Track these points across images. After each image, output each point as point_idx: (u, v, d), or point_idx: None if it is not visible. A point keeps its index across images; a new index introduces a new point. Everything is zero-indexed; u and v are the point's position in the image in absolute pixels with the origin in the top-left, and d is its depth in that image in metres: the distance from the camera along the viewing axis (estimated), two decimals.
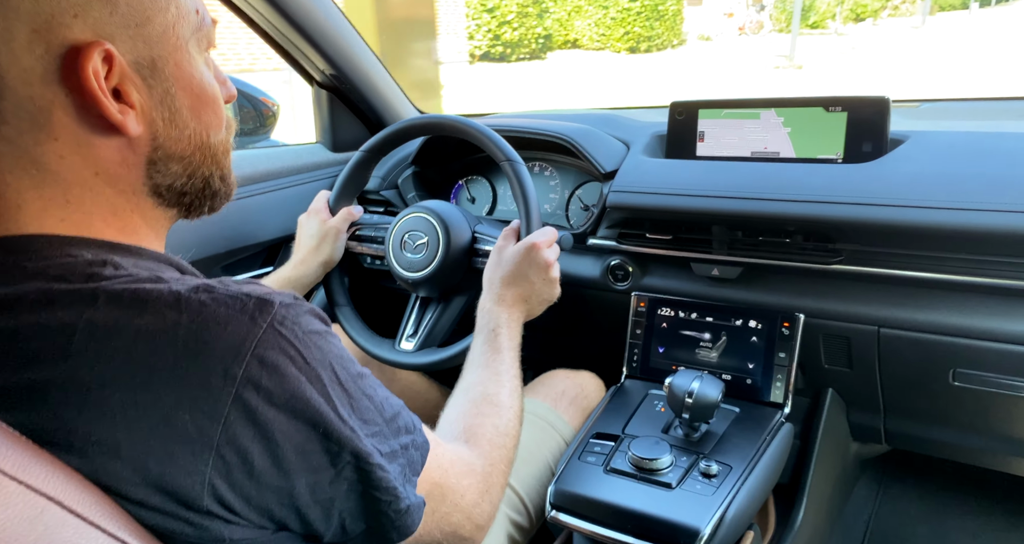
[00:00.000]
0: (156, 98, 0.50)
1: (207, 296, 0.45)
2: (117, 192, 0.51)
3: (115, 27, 0.47)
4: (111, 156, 0.49)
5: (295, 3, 1.20)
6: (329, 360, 0.49)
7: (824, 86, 10.71)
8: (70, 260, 0.46)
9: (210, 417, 0.43)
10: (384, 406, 0.55)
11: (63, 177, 0.48)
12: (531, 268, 0.96)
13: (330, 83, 1.43)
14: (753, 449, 0.95)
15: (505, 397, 0.80)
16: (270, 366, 0.45)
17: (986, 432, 1.06)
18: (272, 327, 0.46)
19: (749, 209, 1.04)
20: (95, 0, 0.46)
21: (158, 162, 0.52)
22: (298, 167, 1.41)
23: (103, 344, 0.43)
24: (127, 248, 0.50)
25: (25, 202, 0.47)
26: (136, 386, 0.42)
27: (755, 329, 1.09)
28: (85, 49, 0.45)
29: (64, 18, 0.44)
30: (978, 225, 0.88)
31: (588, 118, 1.40)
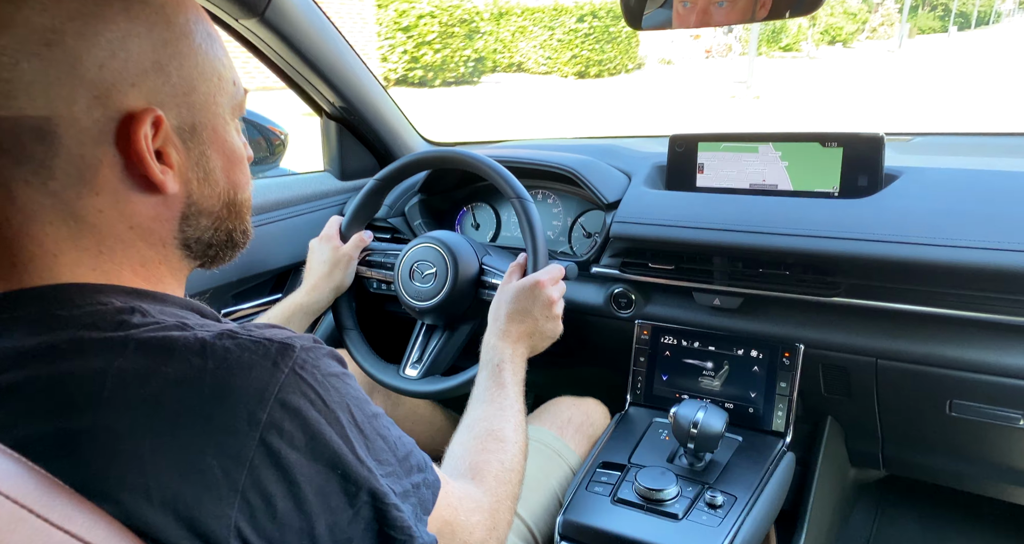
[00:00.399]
0: (193, 159, 0.54)
1: (231, 342, 0.47)
2: (148, 245, 0.53)
3: (165, 95, 0.50)
4: (146, 211, 0.52)
5: (306, 37, 1.23)
6: (347, 402, 0.52)
7: (778, 119, 10.01)
8: (100, 308, 0.48)
9: (236, 461, 0.44)
10: (397, 445, 0.57)
11: (99, 230, 0.50)
12: (535, 305, 0.99)
13: (339, 114, 1.46)
14: (757, 479, 0.97)
15: (509, 432, 0.82)
16: (292, 410, 0.47)
17: (981, 460, 1.09)
18: (294, 371, 0.48)
19: (748, 242, 1.07)
20: (151, 71, 0.49)
21: (190, 217, 0.55)
22: (307, 196, 1.43)
23: (133, 391, 0.44)
24: (153, 295, 0.52)
25: (61, 252, 0.49)
26: (165, 432, 0.44)
27: (756, 359, 1.11)
28: (139, 115, 0.48)
29: (123, 86, 0.48)
30: (970, 262, 0.91)
31: (589, 149, 1.43)
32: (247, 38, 1.19)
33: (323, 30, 1.25)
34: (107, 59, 0.47)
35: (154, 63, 0.49)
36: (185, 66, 0.51)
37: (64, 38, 0.45)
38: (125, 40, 0.48)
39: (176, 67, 0.51)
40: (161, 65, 0.50)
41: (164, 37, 0.50)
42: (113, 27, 0.47)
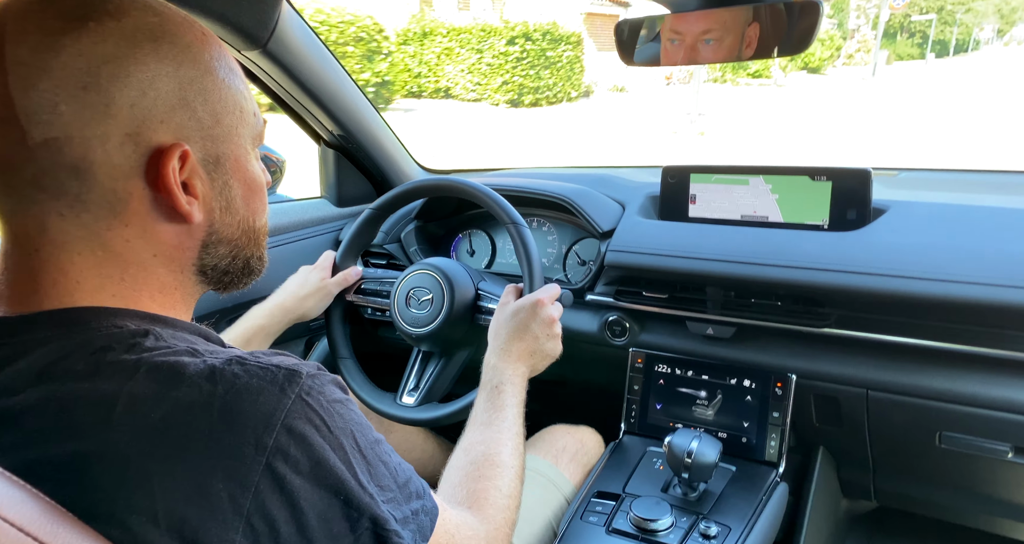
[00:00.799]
0: (216, 189, 0.56)
1: (240, 368, 0.49)
2: (168, 271, 0.55)
3: (191, 130, 0.53)
4: (170, 240, 0.54)
5: (307, 68, 1.25)
6: (351, 428, 0.53)
7: (716, 157, 8.97)
8: (116, 331, 0.49)
9: (242, 486, 0.45)
10: (397, 471, 0.58)
11: (125, 258, 0.52)
12: (535, 323, 0.99)
13: (337, 142, 1.48)
14: (750, 509, 0.97)
15: (507, 457, 0.82)
16: (298, 435, 0.48)
17: (972, 493, 1.10)
18: (300, 397, 0.49)
19: (740, 273, 1.09)
20: (179, 108, 0.52)
21: (210, 245, 0.57)
22: (303, 222, 1.45)
23: (143, 415, 0.45)
24: (165, 320, 0.54)
25: (85, 279, 0.51)
26: (173, 456, 0.45)
27: (749, 388, 1.12)
28: (168, 150, 0.51)
29: (153, 123, 0.50)
30: (957, 296, 0.93)
31: (584, 178, 1.45)
32: (249, 69, 1.21)
33: (323, 61, 1.27)
34: (138, 98, 0.49)
35: (181, 99, 0.52)
36: (210, 101, 0.53)
37: (99, 81, 0.48)
38: (154, 80, 0.50)
39: (201, 102, 0.53)
40: (187, 101, 0.52)
41: (190, 75, 0.52)
42: (143, 68, 0.49)
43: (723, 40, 0.95)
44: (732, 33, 0.94)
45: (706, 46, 0.96)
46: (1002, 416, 0.95)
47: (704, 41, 0.96)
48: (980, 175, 1.42)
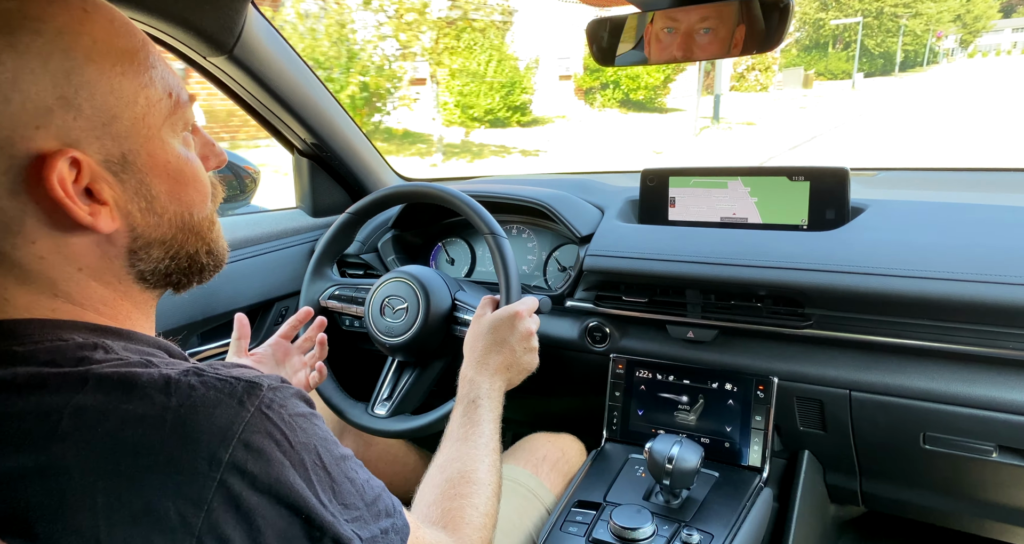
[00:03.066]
0: (130, 191, 0.50)
1: (196, 380, 0.46)
2: (103, 284, 0.51)
3: (81, 131, 0.46)
4: (90, 252, 0.50)
5: (275, 74, 1.23)
6: (314, 443, 0.50)
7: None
8: (61, 344, 0.46)
9: (194, 504, 0.42)
10: (365, 489, 0.55)
11: (47, 275, 0.48)
12: (512, 336, 0.97)
13: (311, 151, 1.46)
14: (734, 516, 0.95)
15: (483, 474, 0.79)
16: (256, 450, 0.45)
17: (958, 495, 1.08)
18: (260, 410, 0.46)
19: (720, 274, 1.08)
20: (57, 109, 0.45)
21: (139, 250, 0.52)
22: (278, 233, 1.42)
23: (90, 429, 0.42)
24: (118, 332, 0.51)
25: (13, 296, 0.47)
26: (120, 472, 0.42)
27: (731, 392, 1.11)
28: (49, 159, 0.45)
29: (26, 131, 0.44)
30: (936, 293, 0.92)
31: (563, 184, 1.44)
32: (216, 76, 1.19)
33: (293, 66, 1.25)
34: (1, 105, 0.43)
35: (58, 98, 0.45)
36: (98, 94, 0.47)
37: None
38: (16, 80, 0.44)
39: (86, 98, 0.46)
40: (67, 100, 0.45)
41: (65, 68, 0.45)
42: (1, 68, 0.43)
43: (718, 31, 0.92)
44: (726, 26, 0.92)
45: (703, 36, 0.94)
46: (985, 415, 0.94)
47: (701, 30, 0.94)
48: (958, 173, 1.42)
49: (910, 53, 50.20)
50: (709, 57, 0.96)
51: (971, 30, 65.71)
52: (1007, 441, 0.95)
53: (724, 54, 0.93)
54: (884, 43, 44.08)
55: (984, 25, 65.56)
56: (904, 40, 47.05)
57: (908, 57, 50.41)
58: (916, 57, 52.66)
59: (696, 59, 0.97)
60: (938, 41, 60.89)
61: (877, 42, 43.21)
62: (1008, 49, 70.99)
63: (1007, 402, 0.92)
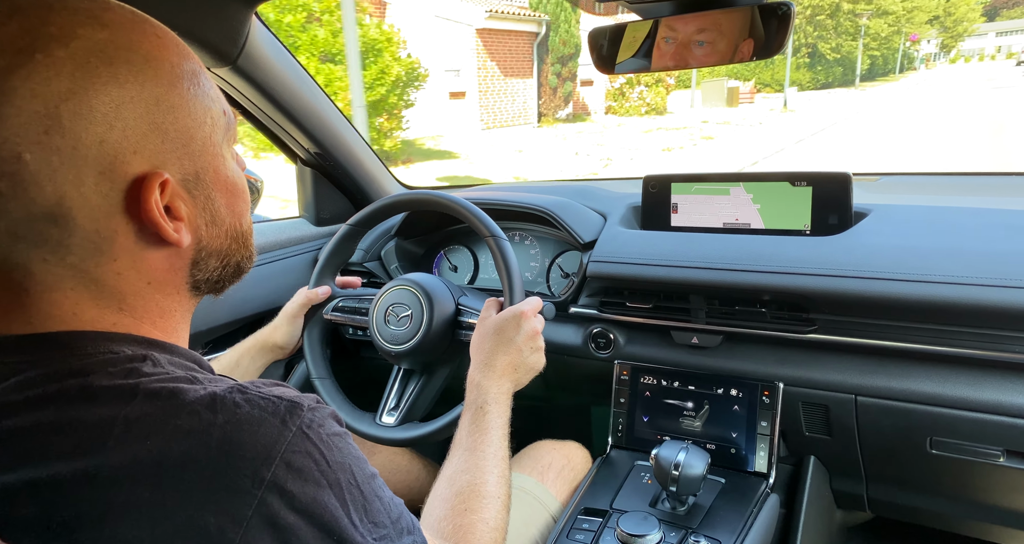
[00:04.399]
0: (199, 206, 0.53)
1: (241, 397, 0.47)
2: (165, 295, 0.53)
3: (167, 153, 0.49)
4: (161, 265, 0.52)
5: (278, 85, 1.24)
6: (348, 462, 0.50)
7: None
8: (112, 356, 0.47)
9: (233, 520, 0.43)
10: (391, 507, 0.55)
11: (119, 290, 0.50)
12: (519, 336, 0.96)
13: (314, 161, 1.47)
14: (741, 522, 0.95)
15: (492, 487, 0.78)
16: (296, 469, 0.46)
17: (965, 500, 1.08)
18: (301, 430, 0.47)
19: (723, 279, 1.08)
20: (150, 134, 0.48)
21: (200, 261, 0.55)
22: (281, 242, 1.42)
23: (138, 441, 0.43)
24: (163, 345, 0.52)
25: (81, 311, 0.49)
26: (167, 484, 0.43)
27: (736, 398, 1.10)
28: (146, 181, 0.48)
29: (125, 156, 0.47)
30: (939, 296, 0.92)
31: (565, 190, 1.44)
32: (219, 87, 1.19)
33: (296, 77, 1.26)
34: (106, 133, 0.46)
35: (151, 124, 0.48)
36: (180, 117, 0.50)
37: (61, 122, 0.44)
38: (120, 109, 0.47)
39: (172, 121, 0.50)
40: (157, 124, 0.49)
41: (155, 94, 0.49)
42: (105, 99, 0.46)
43: (716, 44, 0.93)
44: (726, 38, 0.92)
45: (698, 48, 0.94)
46: (992, 419, 0.93)
47: (697, 42, 0.94)
48: (961, 178, 1.43)
49: (878, 60, 42.78)
50: (707, 65, 0.97)
51: (952, 34, 59.99)
52: (1014, 445, 0.95)
53: (725, 62, 0.94)
54: (842, 47, 35.43)
55: (966, 29, 59.78)
56: (870, 44, 39.27)
57: (876, 64, 42.99)
58: (887, 64, 45.79)
59: (695, 66, 0.97)
60: (913, 45, 53.49)
61: (833, 46, 34.64)
62: (992, 54, 66.89)
63: (1013, 406, 0.92)
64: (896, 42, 45.28)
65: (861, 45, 35.20)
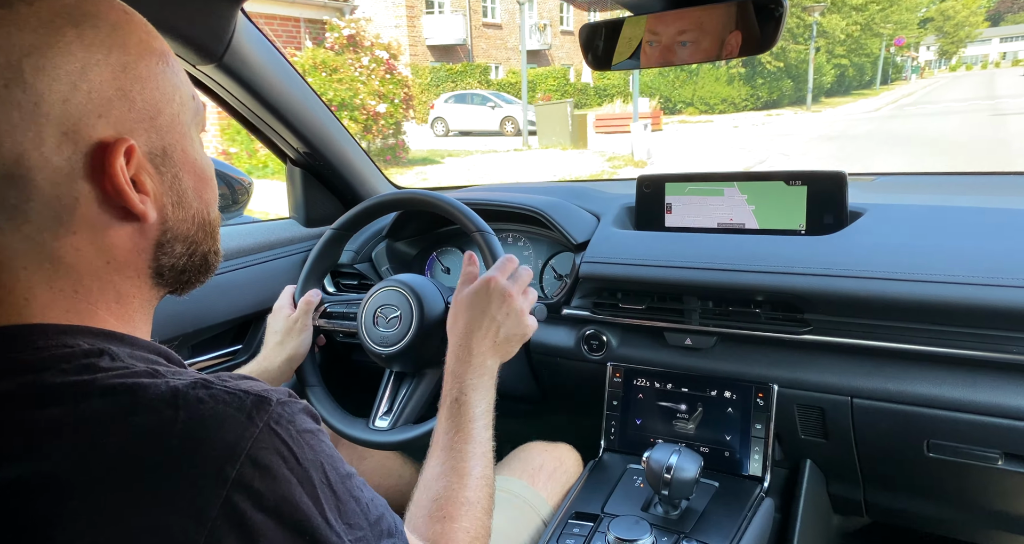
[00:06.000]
0: (166, 184, 0.52)
1: (205, 392, 0.45)
2: (124, 278, 0.51)
3: (133, 122, 0.49)
4: (123, 243, 0.50)
5: (266, 83, 1.22)
6: (320, 460, 0.48)
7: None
8: (67, 351, 0.45)
9: (197, 521, 0.41)
10: (369, 508, 0.53)
11: (76, 269, 0.48)
12: (491, 303, 0.87)
13: (303, 161, 1.45)
14: (734, 527, 0.93)
15: (471, 491, 0.74)
16: (263, 467, 0.44)
17: (963, 504, 1.06)
18: (268, 426, 0.45)
19: (718, 280, 1.06)
20: (116, 100, 0.48)
21: (165, 244, 0.53)
22: (271, 243, 1.41)
23: (94, 442, 0.41)
24: (122, 337, 0.50)
25: (34, 296, 0.47)
26: (126, 486, 0.41)
27: (730, 400, 1.09)
28: (112, 146, 0.47)
29: (90, 119, 0.46)
30: (936, 297, 0.90)
31: (557, 191, 1.43)
32: (206, 84, 1.18)
33: (284, 75, 1.25)
34: (70, 93, 0.45)
35: (117, 90, 0.48)
36: (147, 89, 0.50)
37: (23, 76, 0.43)
38: (85, 70, 0.46)
39: (139, 91, 0.49)
40: (124, 91, 0.48)
41: (123, 61, 0.48)
42: (71, 58, 0.45)
43: (699, 42, 0.92)
44: (710, 35, 0.91)
45: (682, 48, 0.94)
46: (989, 421, 0.92)
47: (680, 43, 0.93)
48: (957, 177, 1.41)
49: (848, 69, 33.45)
50: (696, 62, 0.96)
51: (952, 39, 54.91)
52: (1012, 448, 0.93)
53: (714, 59, 0.93)
54: (788, 54, 26.35)
55: (968, 33, 54.96)
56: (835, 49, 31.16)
57: (848, 75, 33.59)
58: (863, 76, 37.07)
59: (681, 63, 0.97)
60: (900, 51, 45.19)
61: (776, 53, 25.26)
62: (996, 60, 63.23)
63: (1011, 408, 0.90)
64: (874, 47, 36.05)
65: (812, 51, 25.43)
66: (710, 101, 24.20)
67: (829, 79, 30.92)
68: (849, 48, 33.46)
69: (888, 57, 41.65)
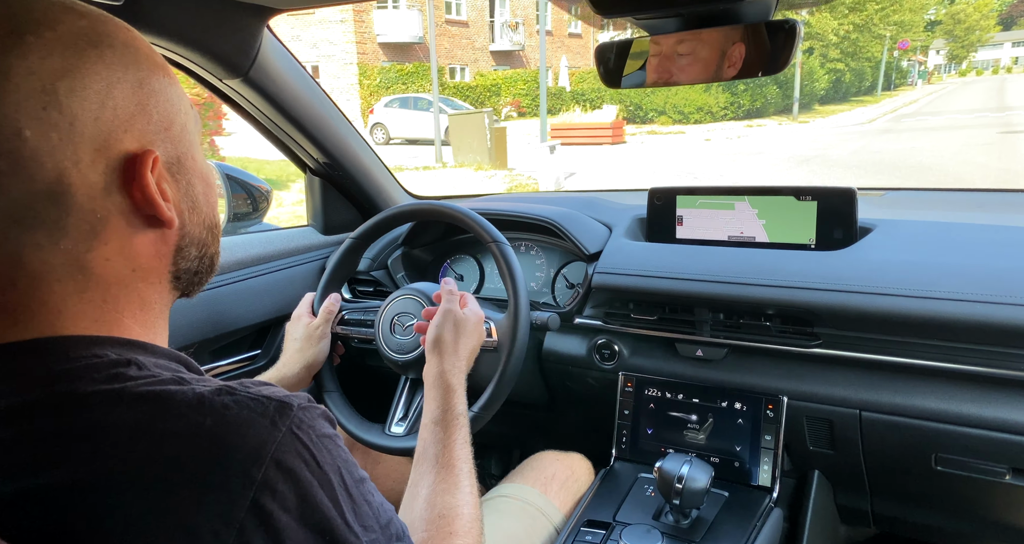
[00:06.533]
0: (182, 191, 0.55)
1: (229, 399, 0.46)
2: (147, 284, 0.53)
3: (152, 134, 0.51)
4: (147, 251, 0.52)
5: (289, 96, 1.25)
6: (338, 464, 0.50)
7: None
8: (96, 361, 0.47)
9: (225, 522, 0.43)
10: (380, 512, 0.55)
11: (105, 279, 0.50)
12: (445, 332, 1.00)
13: (323, 170, 1.48)
14: (744, 536, 0.95)
15: (471, 508, 0.77)
16: (286, 470, 0.46)
17: (971, 517, 1.07)
18: (291, 431, 0.47)
19: (728, 292, 1.08)
20: (137, 114, 0.50)
21: (183, 249, 0.56)
22: (289, 250, 1.43)
23: (125, 447, 0.43)
24: (145, 346, 0.52)
25: (67, 307, 0.48)
26: (155, 489, 0.42)
27: (741, 411, 1.10)
28: (140, 158, 0.49)
29: (117, 134, 0.49)
30: (945, 313, 0.92)
31: (570, 201, 1.45)
32: (231, 97, 1.21)
33: (306, 88, 1.28)
34: (99, 110, 0.48)
35: (137, 105, 0.50)
36: (160, 102, 0.52)
37: (58, 98, 0.46)
38: (109, 88, 0.48)
39: (154, 104, 0.52)
40: (143, 105, 0.51)
41: (138, 77, 0.51)
42: (97, 78, 0.48)
43: (697, 54, 0.92)
44: (708, 48, 0.91)
45: (680, 61, 0.94)
46: (997, 437, 0.93)
47: (677, 54, 0.94)
48: (967, 194, 1.43)
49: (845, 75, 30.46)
50: (694, 80, 0.94)
51: (963, 43, 52.81)
52: (1020, 463, 0.94)
53: (711, 77, 0.91)
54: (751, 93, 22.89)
55: (979, 37, 52.76)
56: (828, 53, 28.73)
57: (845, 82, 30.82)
58: (862, 82, 34.20)
59: (681, 82, 0.95)
60: (905, 55, 41.98)
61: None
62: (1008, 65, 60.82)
63: (1019, 423, 0.92)
64: (875, 51, 33.55)
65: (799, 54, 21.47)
66: (684, 109, 21.34)
67: (823, 85, 28.22)
68: (845, 51, 30.95)
69: (891, 61, 38.65)
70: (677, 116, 21.32)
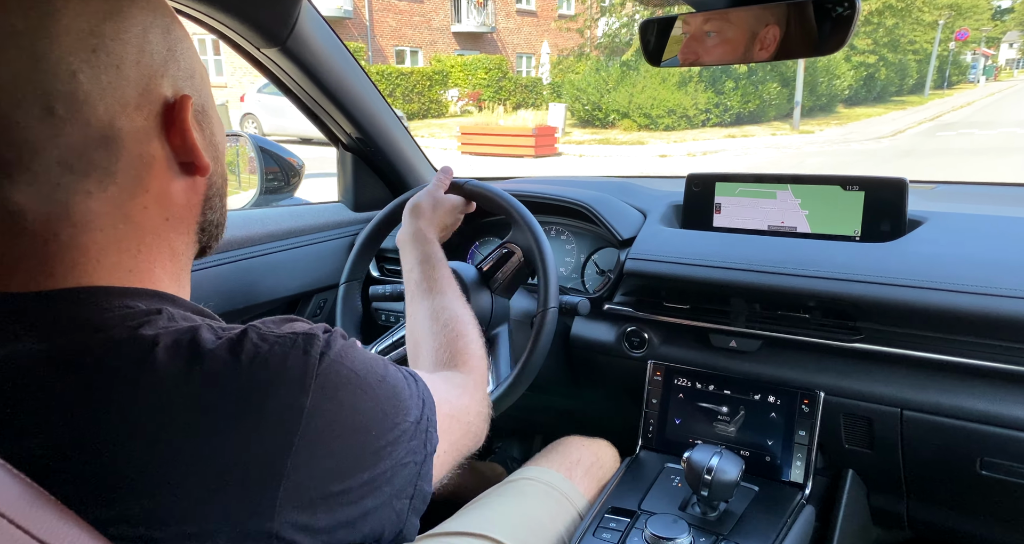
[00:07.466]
0: (207, 140, 0.54)
1: (258, 338, 0.47)
2: (177, 234, 0.53)
3: (182, 80, 0.51)
4: (180, 199, 0.52)
5: (325, 68, 1.24)
6: (367, 368, 0.52)
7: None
8: (128, 311, 0.47)
9: (280, 448, 0.44)
10: (402, 386, 0.56)
11: (142, 227, 0.50)
12: (422, 221, 1.04)
13: (355, 146, 1.47)
14: (774, 533, 0.92)
15: (469, 316, 0.86)
16: (331, 390, 0.47)
17: (1014, 525, 1.03)
18: (325, 355, 0.48)
19: (767, 282, 1.05)
20: (169, 60, 0.50)
21: (211, 198, 0.56)
22: (319, 225, 1.43)
23: (167, 393, 0.43)
24: (172, 298, 0.52)
25: (105, 256, 0.48)
26: (205, 429, 0.43)
27: (774, 405, 1.07)
28: (179, 103, 0.49)
29: (156, 79, 0.49)
30: (1002, 311, 0.87)
31: (604, 186, 1.42)
32: (267, 67, 1.20)
33: (343, 61, 1.26)
34: (139, 54, 0.47)
35: (168, 50, 0.50)
36: (184, 49, 0.52)
37: (105, 41, 0.45)
38: (145, 32, 0.48)
39: (181, 51, 0.51)
40: (172, 51, 0.50)
41: (165, 23, 0.50)
42: (134, 22, 0.48)
43: (724, 34, 0.88)
44: (735, 29, 0.88)
45: (708, 41, 0.90)
46: None
47: (707, 34, 0.91)
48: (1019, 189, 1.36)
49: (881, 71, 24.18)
50: (721, 61, 0.90)
51: None
52: None
53: (740, 58, 0.87)
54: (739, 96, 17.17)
55: None
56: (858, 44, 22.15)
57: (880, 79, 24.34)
58: (904, 78, 27.09)
59: (709, 62, 0.92)
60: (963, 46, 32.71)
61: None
62: None
63: None
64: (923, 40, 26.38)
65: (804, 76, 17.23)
66: (652, 112, 16.04)
67: (846, 82, 21.41)
68: (878, 41, 23.66)
69: (945, 54, 30.08)
70: (643, 120, 16.17)
